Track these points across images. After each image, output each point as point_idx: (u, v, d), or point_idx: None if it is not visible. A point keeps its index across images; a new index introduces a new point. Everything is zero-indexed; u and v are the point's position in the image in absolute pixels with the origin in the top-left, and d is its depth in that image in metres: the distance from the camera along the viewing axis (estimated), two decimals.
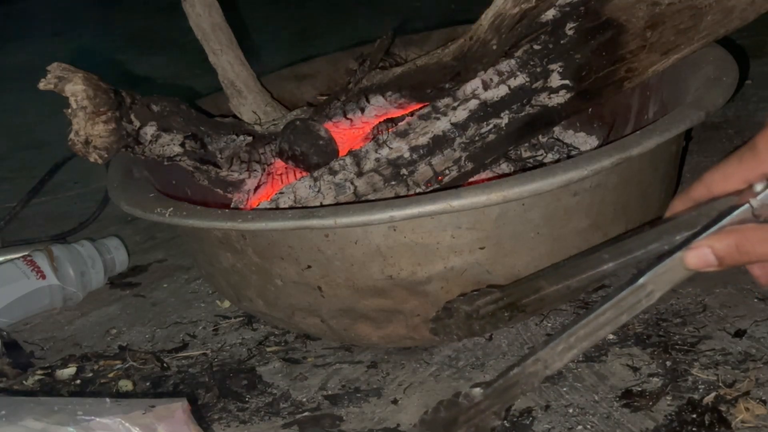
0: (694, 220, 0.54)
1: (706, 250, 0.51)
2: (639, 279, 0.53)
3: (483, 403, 0.56)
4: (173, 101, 0.85)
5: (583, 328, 0.54)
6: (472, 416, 0.56)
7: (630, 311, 0.53)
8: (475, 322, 0.64)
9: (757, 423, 0.64)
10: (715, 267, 0.52)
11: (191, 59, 1.13)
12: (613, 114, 0.98)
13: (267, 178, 0.89)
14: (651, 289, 0.53)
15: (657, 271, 0.53)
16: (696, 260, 0.52)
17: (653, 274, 0.53)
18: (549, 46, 0.81)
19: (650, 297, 0.53)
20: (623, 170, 0.70)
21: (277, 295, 0.75)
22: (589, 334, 0.54)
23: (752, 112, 1.21)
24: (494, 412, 0.56)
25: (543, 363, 0.55)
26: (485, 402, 0.56)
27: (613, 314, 0.54)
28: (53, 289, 0.98)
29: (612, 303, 0.53)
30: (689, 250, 0.52)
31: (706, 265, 0.52)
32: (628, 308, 0.53)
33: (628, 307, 0.53)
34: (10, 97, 2.04)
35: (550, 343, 0.54)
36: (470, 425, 0.56)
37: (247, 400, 0.77)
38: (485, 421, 0.56)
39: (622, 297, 0.53)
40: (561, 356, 0.54)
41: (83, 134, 0.76)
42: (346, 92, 0.92)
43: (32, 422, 0.61)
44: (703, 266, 0.52)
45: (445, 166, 0.79)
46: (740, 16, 0.78)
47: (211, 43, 0.97)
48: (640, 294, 0.53)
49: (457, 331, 0.65)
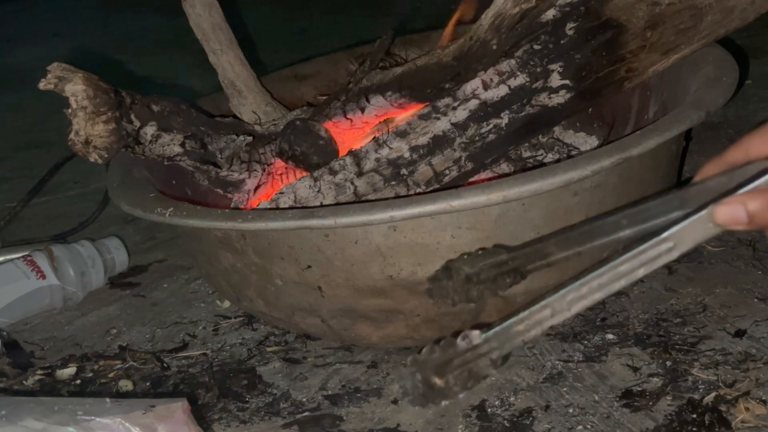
0: (723, 186, 0.51)
1: (738, 206, 0.49)
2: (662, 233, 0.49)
3: (481, 346, 0.53)
4: (173, 101, 0.85)
5: (597, 278, 0.51)
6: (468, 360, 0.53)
7: (648, 265, 0.50)
8: (474, 287, 0.61)
9: (757, 423, 0.64)
10: (744, 225, 0.49)
11: (191, 59, 1.13)
12: (613, 114, 0.98)
13: (267, 178, 0.89)
14: (673, 244, 0.50)
15: (682, 226, 0.49)
16: (726, 215, 0.49)
17: (678, 229, 0.49)
18: (549, 46, 0.81)
19: (671, 252, 0.50)
20: (623, 170, 0.70)
21: (277, 295, 0.75)
22: (603, 285, 0.51)
23: (752, 112, 1.22)
24: (491, 359, 0.53)
25: (551, 310, 0.52)
26: (484, 346, 0.53)
27: (630, 267, 0.51)
28: (53, 289, 0.98)
29: (630, 255, 0.50)
30: (720, 205, 0.49)
31: (736, 222, 0.49)
32: (647, 262, 0.50)
33: (647, 260, 0.50)
34: (10, 97, 2.03)
35: (560, 290, 0.52)
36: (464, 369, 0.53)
37: (247, 400, 0.77)
38: (479, 368, 0.53)
39: (642, 249, 0.50)
40: (570, 305, 0.52)
41: (83, 134, 0.76)
42: (346, 92, 0.92)
43: (32, 422, 0.61)
44: (733, 223, 0.49)
45: (445, 166, 0.79)
46: (740, 16, 0.78)
47: (211, 43, 0.97)
48: (661, 248, 0.50)
49: (454, 296, 0.61)
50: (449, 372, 0.54)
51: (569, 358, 0.76)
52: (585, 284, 0.51)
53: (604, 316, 0.81)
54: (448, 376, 0.54)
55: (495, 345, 0.53)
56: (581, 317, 0.81)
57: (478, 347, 0.54)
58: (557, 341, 0.78)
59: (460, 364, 0.54)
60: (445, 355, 0.54)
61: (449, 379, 0.54)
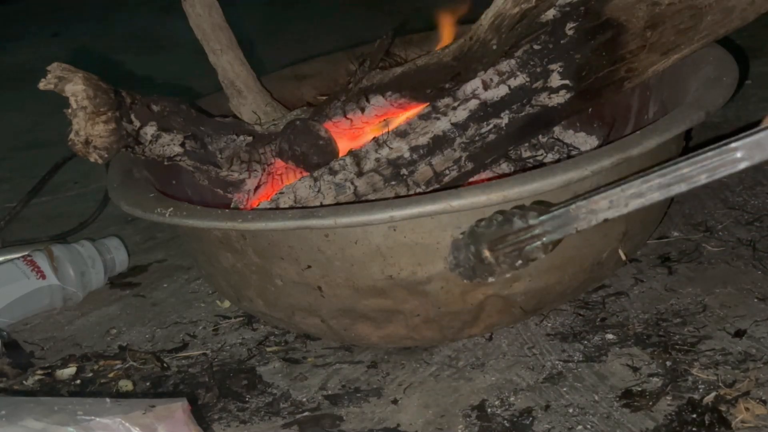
0: None
1: None
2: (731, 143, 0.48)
3: (536, 227, 0.53)
4: (173, 101, 0.85)
5: (659, 177, 0.50)
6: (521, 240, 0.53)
7: (712, 173, 0.49)
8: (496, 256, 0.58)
9: (757, 423, 0.64)
10: None
11: (191, 59, 1.13)
12: (613, 114, 0.98)
13: (267, 178, 0.89)
14: (740, 156, 0.48)
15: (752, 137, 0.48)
16: None
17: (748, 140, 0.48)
18: (549, 46, 0.81)
19: (736, 164, 0.48)
20: (623, 170, 0.70)
21: (277, 295, 0.75)
22: (663, 185, 0.50)
23: (752, 112, 1.22)
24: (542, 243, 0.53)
25: (608, 202, 0.51)
26: (538, 227, 0.53)
27: (692, 172, 0.49)
28: (53, 289, 0.97)
29: (694, 160, 0.49)
30: None
31: None
32: (710, 169, 0.49)
33: (711, 167, 0.49)
34: (10, 97, 2.03)
35: (622, 184, 0.51)
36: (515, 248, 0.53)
37: (247, 400, 0.77)
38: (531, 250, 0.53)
39: (707, 156, 0.49)
40: (628, 201, 0.51)
41: (83, 134, 0.76)
42: (346, 92, 0.92)
43: (32, 422, 0.61)
44: None
45: (445, 166, 0.79)
46: (740, 16, 0.78)
47: (211, 43, 0.97)
48: (726, 157, 0.48)
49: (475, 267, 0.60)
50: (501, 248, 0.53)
51: (569, 358, 0.76)
52: (646, 182, 0.50)
53: (604, 316, 0.81)
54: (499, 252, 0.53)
55: (549, 228, 0.53)
56: (581, 317, 0.81)
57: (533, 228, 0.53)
58: (557, 341, 0.78)
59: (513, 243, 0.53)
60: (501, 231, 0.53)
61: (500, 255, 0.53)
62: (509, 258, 0.54)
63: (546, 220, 0.53)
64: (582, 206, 0.52)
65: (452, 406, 0.72)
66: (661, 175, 0.50)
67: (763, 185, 1.00)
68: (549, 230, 0.53)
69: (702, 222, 0.94)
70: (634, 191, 0.51)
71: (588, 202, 0.52)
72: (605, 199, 0.52)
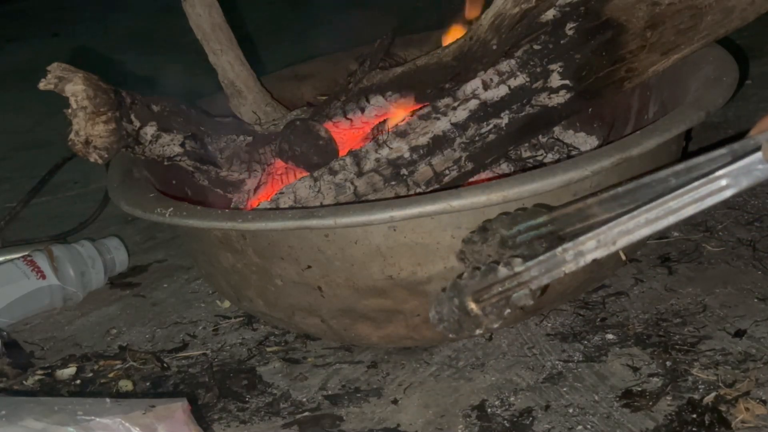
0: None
1: None
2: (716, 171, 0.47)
3: (522, 274, 0.52)
4: (173, 101, 0.85)
5: (646, 213, 0.50)
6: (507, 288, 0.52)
7: (699, 203, 0.48)
8: (508, 251, 0.58)
9: (757, 423, 0.64)
10: None
11: (191, 59, 1.13)
12: (613, 114, 0.98)
13: (267, 178, 0.89)
14: (726, 184, 0.47)
15: (737, 165, 0.47)
16: None
17: (732, 168, 0.47)
18: (549, 46, 0.81)
19: (724, 191, 0.48)
20: (623, 170, 0.70)
21: (277, 295, 0.75)
22: (651, 220, 0.50)
23: (752, 112, 1.21)
24: (530, 289, 0.52)
25: (596, 242, 0.51)
26: (525, 274, 0.52)
27: (680, 203, 0.49)
28: (53, 289, 0.98)
29: (681, 191, 0.48)
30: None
31: None
32: (698, 199, 0.48)
33: (698, 198, 0.48)
34: (10, 97, 2.03)
35: (608, 222, 0.50)
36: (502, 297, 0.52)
37: (247, 400, 0.77)
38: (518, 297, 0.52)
39: (694, 186, 0.48)
40: (615, 239, 0.50)
41: (83, 134, 0.76)
42: (346, 92, 0.92)
43: (32, 422, 0.61)
44: None
45: (445, 166, 0.79)
46: (740, 16, 0.78)
47: (211, 43, 0.97)
48: (712, 186, 0.48)
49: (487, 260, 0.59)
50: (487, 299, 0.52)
51: (569, 358, 0.76)
52: (633, 218, 0.50)
53: (604, 316, 0.81)
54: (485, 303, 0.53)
55: (536, 274, 0.52)
56: (581, 317, 0.81)
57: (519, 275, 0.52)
58: (557, 341, 0.78)
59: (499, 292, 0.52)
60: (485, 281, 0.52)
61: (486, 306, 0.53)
62: (496, 308, 0.53)
63: (532, 265, 0.52)
64: (569, 248, 0.51)
65: (452, 406, 0.72)
66: (648, 210, 0.50)
67: (763, 185, 1.00)
68: (536, 275, 0.52)
69: (702, 222, 0.94)
70: (620, 229, 0.51)
71: (575, 243, 0.51)
72: (592, 239, 0.51)
